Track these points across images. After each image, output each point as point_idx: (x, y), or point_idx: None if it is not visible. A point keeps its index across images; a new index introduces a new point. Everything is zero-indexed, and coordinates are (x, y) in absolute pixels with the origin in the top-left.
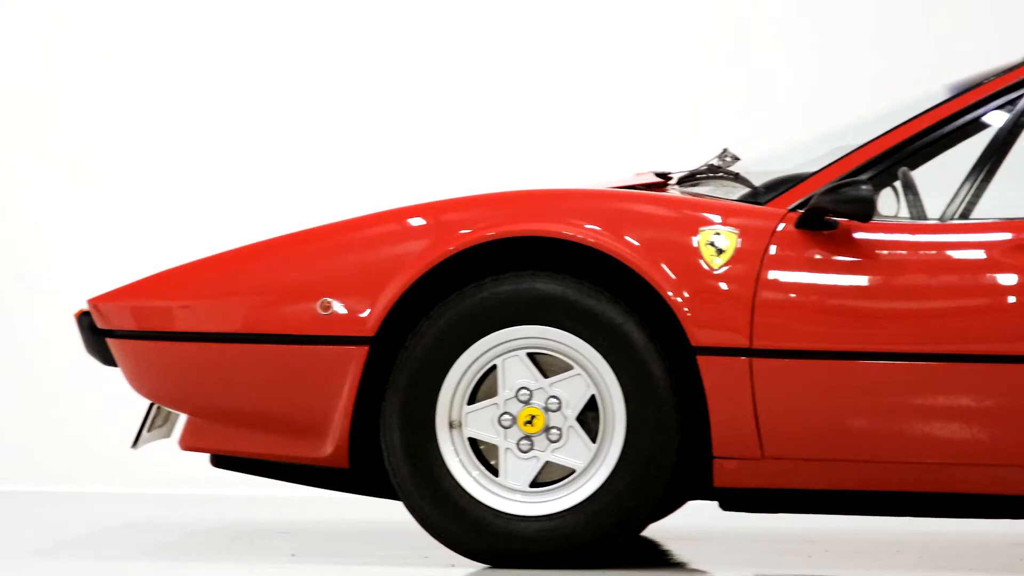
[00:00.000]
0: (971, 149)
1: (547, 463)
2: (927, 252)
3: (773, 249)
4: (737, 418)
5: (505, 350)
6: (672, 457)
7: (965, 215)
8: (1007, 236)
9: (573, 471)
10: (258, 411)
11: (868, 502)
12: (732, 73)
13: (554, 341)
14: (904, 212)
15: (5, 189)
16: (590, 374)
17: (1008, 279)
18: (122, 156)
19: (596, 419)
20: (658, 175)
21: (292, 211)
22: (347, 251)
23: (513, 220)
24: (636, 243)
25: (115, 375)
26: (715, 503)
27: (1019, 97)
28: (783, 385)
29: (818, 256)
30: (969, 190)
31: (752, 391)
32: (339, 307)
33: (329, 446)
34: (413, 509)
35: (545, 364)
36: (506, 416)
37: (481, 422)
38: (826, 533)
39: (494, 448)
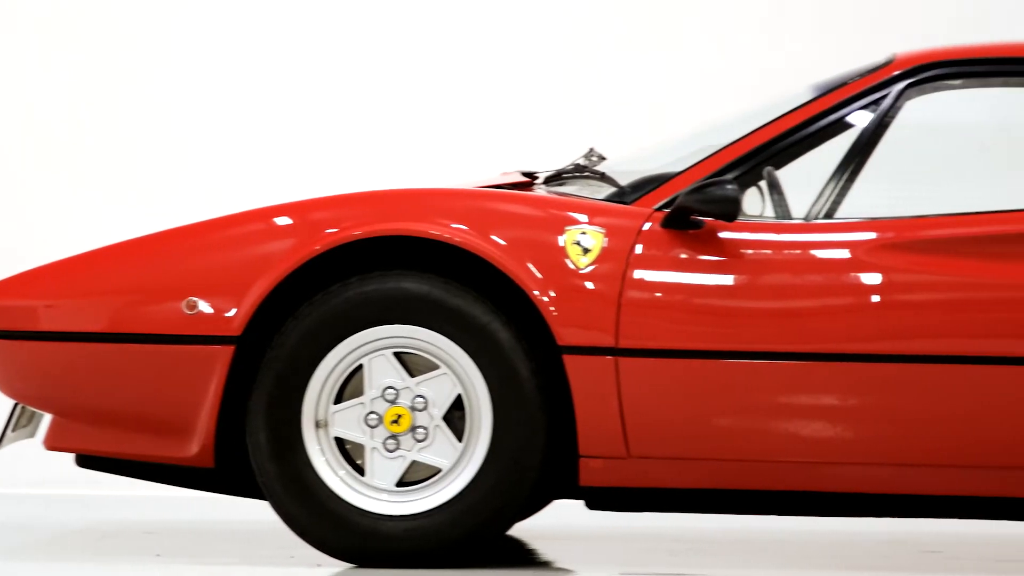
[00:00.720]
0: (835, 149)
1: (413, 462)
2: (792, 251)
3: (639, 248)
4: (603, 417)
5: (371, 349)
6: (538, 456)
7: (829, 215)
8: (871, 235)
9: (439, 470)
10: (124, 411)
11: (734, 501)
12: (600, 73)
13: (421, 340)
14: (769, 211)
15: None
16: (456, 373)
17: (872, 278)
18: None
19: (462, 418)
20: (524, 174)
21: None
22: (213, 250)
23: (380, 219)
24: (502, 242)
25: None
26: (581, 502)
27: (883, 97)
28: (649, 384)
29: (684, 255)
30: (833, 190)
31: (618, 390)
32: (205, 306)
33: (195, 446)
34: (279, 508)
35: (412, 363)
36: (372, 415)
37: (347, 421)
38: (692, 532)
39: (360, 447)
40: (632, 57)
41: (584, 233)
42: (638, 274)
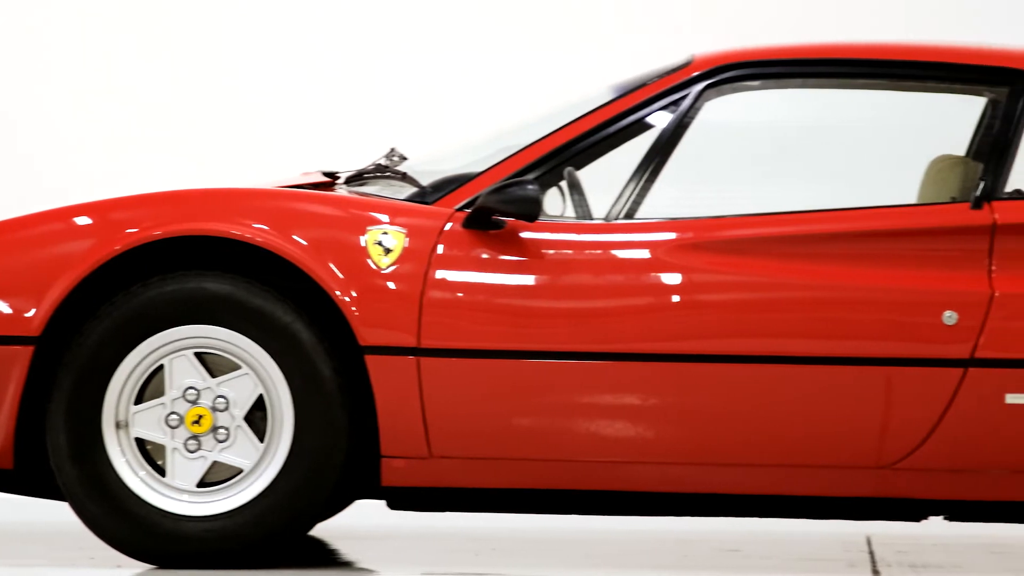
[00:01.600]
0: (636, 149)
1: (215, 463)
2: (592, 252)
3: (441, 248)
4: (405, 417)
5: (172, 350)
6: (340, 456)
7: (630, 215)
8: (671, 236)
9: (241, 471)
10: None
11: (536, 500)
12: (402, 73)
13: (222, 341)
14: (570, 212)
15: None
16: (258, 374)
17: (672, 278)
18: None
19: (264, 419)
20: (325, 174)
21: None
22: (12, 250)
23: (180, 219)
24: (304, 242)
25: None
26: (384, 502)
27: (682, 98)
28: (450, 384)
29: (485, 255)
30: (634, 190)
31: (420, 390)
32: (3, 306)
33: None
34: (79, 510)
35: (213, 364)
36: (173, 416)
37: (148, 422)
38: (494, 531)
39: (162, 448)
40: (433, 57)
41: (386, 233)
42: (440, 274)
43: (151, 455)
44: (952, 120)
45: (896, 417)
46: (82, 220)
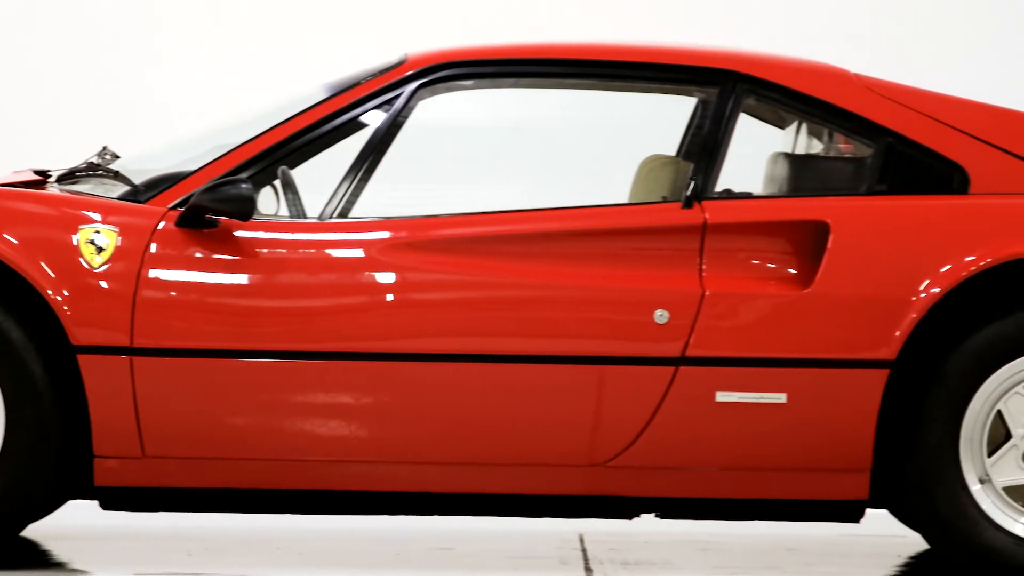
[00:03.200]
0: (351, 148)
1: None
2: (306, 251)
3: (154, 247)
4: (118, 417)
5: None
6: (51, 457)
7: (344, 214)
8: (385, 235)
9: None
10: None
11: (250, 500)
12: (112, 70)
13: None
14: (284, 211)
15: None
16: None
17: (386, 277)
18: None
19: None
20: (37, 172)
21: None
22: None
23: None
24: (15, 241)
25: None
26: (96, 502)
27: (395, 97)
28: (163, 384)
29: (198, 255)
30: (348, 189)
31: (133, 390)
32: None
33: None
34: None
35: None
36: None
37: None
38: (208, 531)
39: None
40: (146, 54)
41: (98, 232)
42: (153, 273)
43: None
44: (663, 120)
45: (608, 415)
46: None
